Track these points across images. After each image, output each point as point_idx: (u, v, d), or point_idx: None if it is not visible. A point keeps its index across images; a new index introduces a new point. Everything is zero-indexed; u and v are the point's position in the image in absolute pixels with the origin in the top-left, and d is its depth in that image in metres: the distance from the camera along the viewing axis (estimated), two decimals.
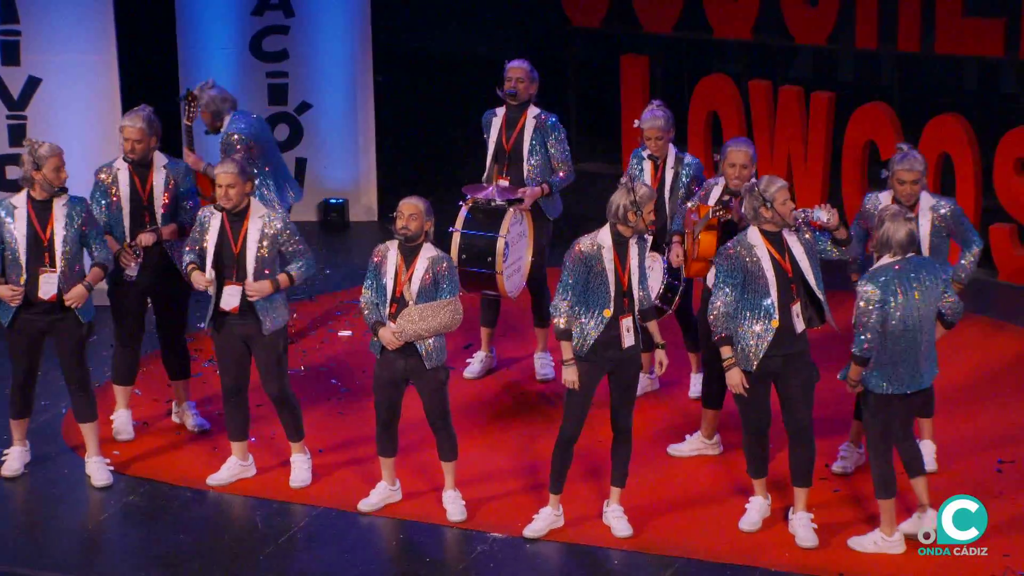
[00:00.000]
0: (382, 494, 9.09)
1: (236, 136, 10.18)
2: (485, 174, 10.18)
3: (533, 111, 10.13)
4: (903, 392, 8.31)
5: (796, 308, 8.42)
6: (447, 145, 13.85)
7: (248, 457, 9.36)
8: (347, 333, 11.12)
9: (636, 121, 9.81)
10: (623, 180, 8.51)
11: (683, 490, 9.14)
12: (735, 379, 8.42)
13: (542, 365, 10.39)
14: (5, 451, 9.39)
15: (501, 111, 10.18)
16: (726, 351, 8.43)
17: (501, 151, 10.12)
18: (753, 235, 8.45)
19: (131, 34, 12.22)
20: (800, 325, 8.46)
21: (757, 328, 8.37)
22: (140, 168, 9.48)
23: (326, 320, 11.39)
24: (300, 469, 9.25)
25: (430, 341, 8.73)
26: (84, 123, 11.26)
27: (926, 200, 8.93)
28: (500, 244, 9.79)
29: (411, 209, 8.70)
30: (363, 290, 8.86)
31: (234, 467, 9.33)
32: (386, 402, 8.89)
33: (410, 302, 8.69)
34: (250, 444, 9.42)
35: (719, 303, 8.42)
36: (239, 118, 10.29)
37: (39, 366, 9.23)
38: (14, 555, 8.72)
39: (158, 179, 9.47)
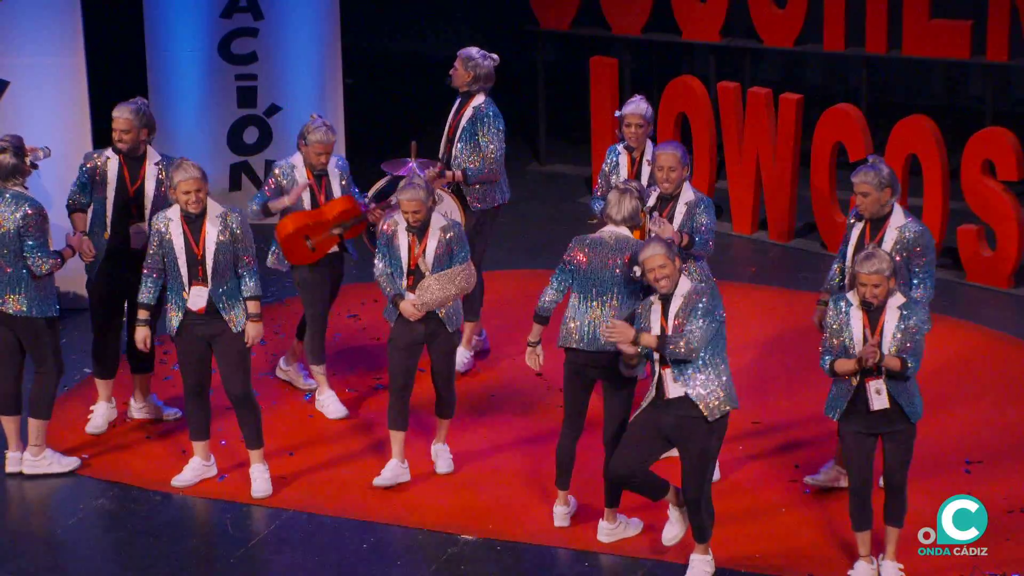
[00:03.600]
0: (394, 471, 9.15)
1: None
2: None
3: (478, 100, 10.22)
4: None
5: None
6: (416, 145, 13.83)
7: (210, 457, 9.36)
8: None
9: (617, 111, 9.84)
10: (625, 185, 8.56)
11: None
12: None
13: (464, 356, 10.45)
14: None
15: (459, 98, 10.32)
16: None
17: (448, 136, 10.25)
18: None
19: (99, 36, 12.18)
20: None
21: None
22: (131, 161, 9.47)
23: (293, 323, 11.36)
24: (261, 480, 9.22)
25: (450, 306, 8.96)
26: (52, 126, 11.21)
27: (897, 218, 8.68)
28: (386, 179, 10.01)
29: (413, 205, 8.86)
30: (376, 262, 9.03)
31: (197, 467, 9.32)
32: (402, 366, 9.04)
33: (426, 273, 8.89)
34: (220, 446, 9.41)
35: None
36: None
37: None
38: None
39: (151, 174, 9.46)
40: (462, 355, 10.35)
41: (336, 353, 10.65)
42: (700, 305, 8.07)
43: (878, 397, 8.09)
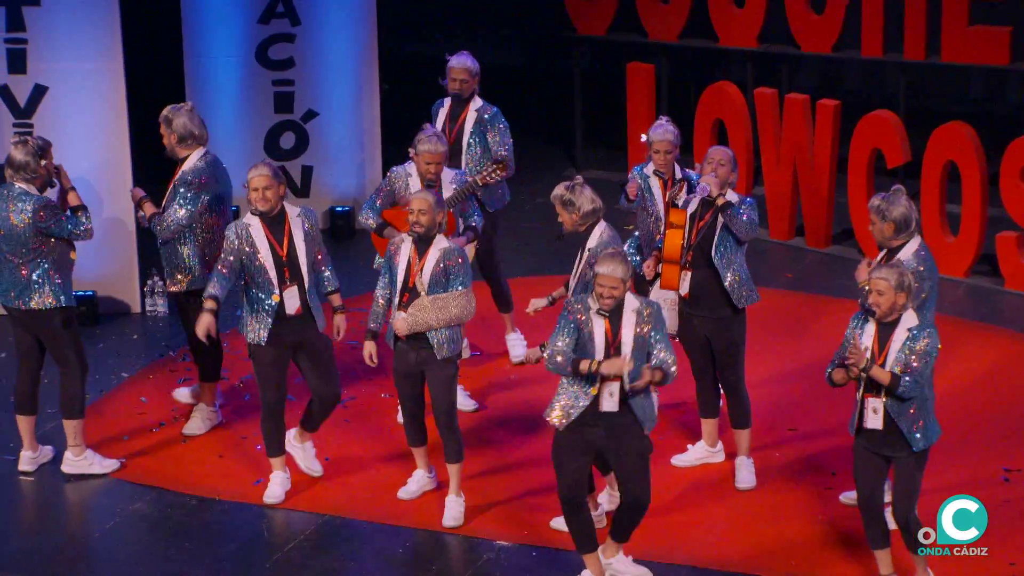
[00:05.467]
0: (420, 482, 9.16)
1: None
2: (487, 175, 10.10)
3: (476, 103, 10.25)
4: None
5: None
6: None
7: (287, 470, 9.34)
8: (353, 343, 11.13)
9: (644, 135, 9.80)
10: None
11: (690, 499, 9.14)
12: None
13: (514, 345, 10.57)
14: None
15: (447, 102, 10.33)
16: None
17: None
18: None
19: (138, 42, 12.22)
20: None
21: None
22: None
23: (329, 327, 11.37)
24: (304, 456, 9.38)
25: (443, 332, 8.81)
26: (90, 131, 11.26)
27: (906, 253, 8.43)
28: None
29: (421, 204, 8.76)
30: (379, 286, 8.98)
31: (284, 482, 9.25)
32: (408, 394, 8.99)
33: (422, 292, 8.78)
34: (255, 451, 9.44)
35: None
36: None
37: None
38: (18, 563, 8.71)
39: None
40: (518, 342, 10.54)
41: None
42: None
43: (873, 416, 7.99)
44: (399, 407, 9.24)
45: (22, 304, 9.23)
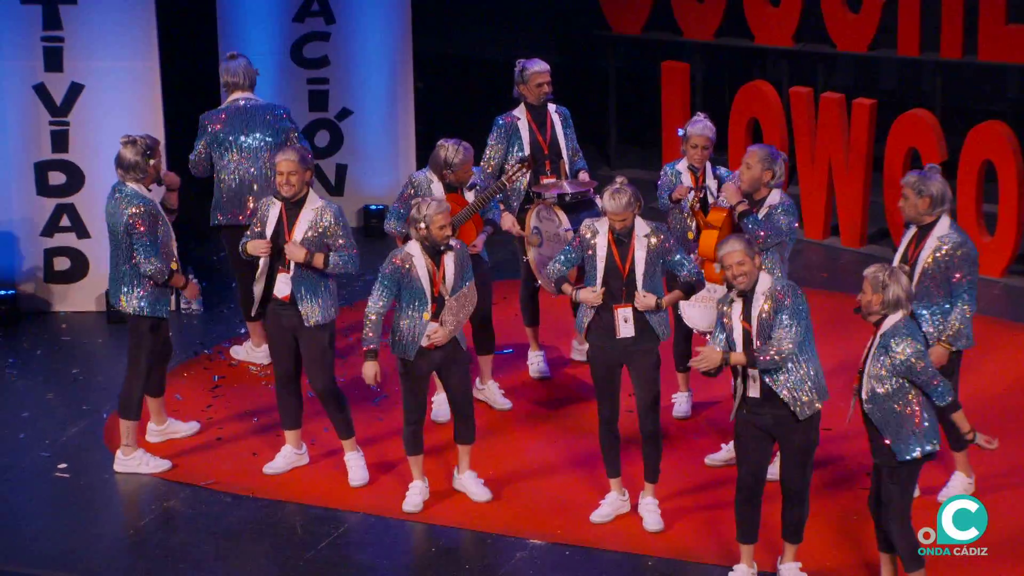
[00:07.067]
0: (423, 493, 9.14)
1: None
2: (512, 175, 9.97)
3: (552, 107, 10.29)
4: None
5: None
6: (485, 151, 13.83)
7: (302, 446, 9.44)
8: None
9: (680, 129, 9.78)
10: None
11: (722, 498, 9.12)
12: None
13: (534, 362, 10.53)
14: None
15: (522, 113, 10.25)
16: None
17: (540, 151, 10.15)
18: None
19: (173, 40, 12.27)
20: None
21: None
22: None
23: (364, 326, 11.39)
24: (357, 468, 9.30)
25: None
26: (126, 129, 11.19)
27: (940, 228, 8.55)
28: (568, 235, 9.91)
29: (443, 219, 8.76)
30: (375, 300, 8.82)
31: (289, 455, 9.41)
32: (423, 398, 9.00)
33: (447, 297, 8.82)
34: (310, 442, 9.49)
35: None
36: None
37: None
38: (54, 560, 8.75)
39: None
40: (538, 359, 10.46)
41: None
42: (786, 305, 8.02)
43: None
44: (408, 412, 9.08)
45: (113, 300, 9.42)
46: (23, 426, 10.08)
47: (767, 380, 8.06)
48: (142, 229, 9.17)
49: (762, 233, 8.88)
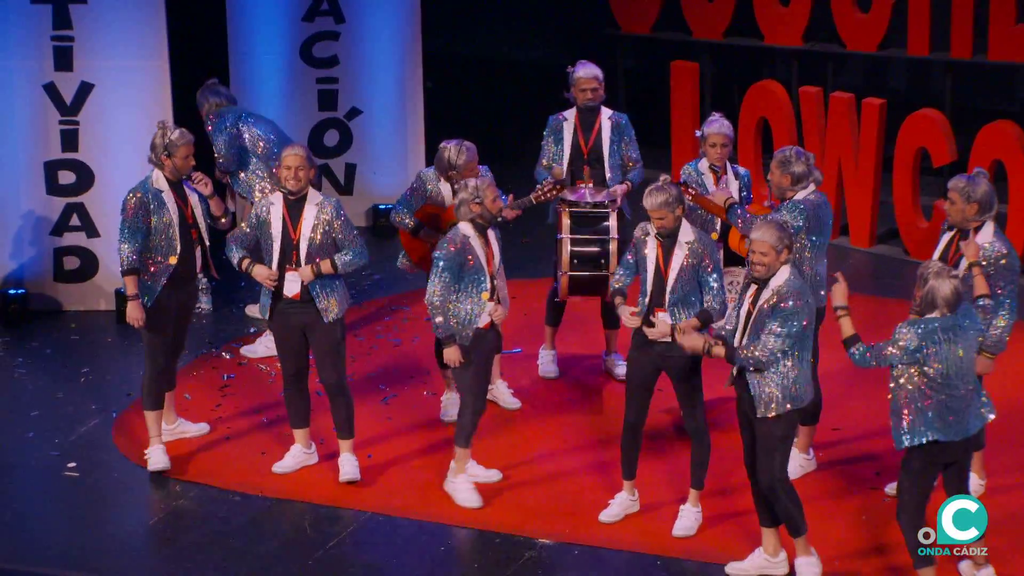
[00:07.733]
0: (472, 486, 9.14)
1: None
2: (554, 174, 10.04)
3: (606, 112, 10.24)
4: (950, 440, 7.97)
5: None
6: (496, 150, 13.83)
7: (311, 445, 9.45)
8: (396, 342, 11.15)
9: (698, 130, 9.79)
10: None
11: (731, 501, 9.12)
12: None
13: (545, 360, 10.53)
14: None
15: (571, 114, 10.22)
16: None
17: (579, 153, 10.14)
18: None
19: (183, 40, 12.28)
20: None
21: None
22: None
23: (374, 326, 11.41)
24: (349, 465, 9.30)
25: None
26: (136, 128, 11.30)
27: (984, 235, 8.57)
28: (613, 246, 9.88)
29: (494, 192, 8.92)
30: (437, 287, 8.86)
31: (298, 455, 9.42)
32: (487, 384, 9.15)
33: (496, 280, 8.99)
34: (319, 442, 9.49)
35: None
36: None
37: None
38: (62, 559, 8.76)
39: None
40: (548, 358, 10.45)
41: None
42: (783, 307, 8.04)
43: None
44: (476, 397, 9.07)
45: None
46: (32, 425, 10.10)
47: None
48: (125, 213, 9.24)
49: (739, 223, 9.05)
